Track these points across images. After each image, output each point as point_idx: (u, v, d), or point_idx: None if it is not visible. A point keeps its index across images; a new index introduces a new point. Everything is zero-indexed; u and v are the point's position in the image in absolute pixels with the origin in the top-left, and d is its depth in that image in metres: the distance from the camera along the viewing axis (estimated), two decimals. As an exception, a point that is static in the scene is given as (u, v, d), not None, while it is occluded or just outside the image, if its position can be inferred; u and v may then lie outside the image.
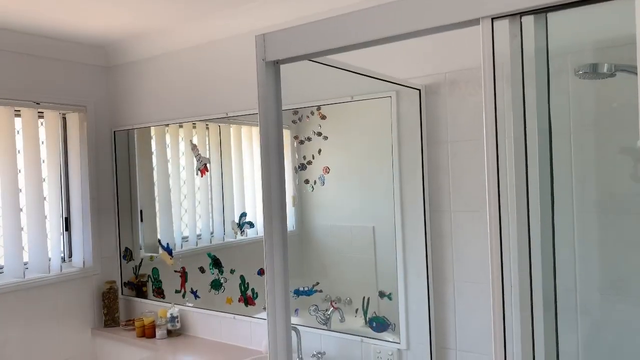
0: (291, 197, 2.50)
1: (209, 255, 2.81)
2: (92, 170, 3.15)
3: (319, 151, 2.39)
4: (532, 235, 1.18)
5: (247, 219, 2.66)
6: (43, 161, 2.97)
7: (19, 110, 2.85)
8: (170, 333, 2.86)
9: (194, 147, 2.85)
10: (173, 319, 2.85)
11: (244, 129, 2.84)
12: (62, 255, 3.06)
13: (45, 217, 2.94)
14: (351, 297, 2.29)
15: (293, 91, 1.85)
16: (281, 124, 1.36)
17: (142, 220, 3.16)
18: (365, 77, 1.80)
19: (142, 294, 3.13)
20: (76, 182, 3.09)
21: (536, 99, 1.25)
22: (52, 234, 2.96)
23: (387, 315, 2.19)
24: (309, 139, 2.45)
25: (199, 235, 2.90)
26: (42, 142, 2.98)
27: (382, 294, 2.21)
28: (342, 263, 2.35)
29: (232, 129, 2.78)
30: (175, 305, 2.91)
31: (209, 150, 2.83)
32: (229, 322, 2.71)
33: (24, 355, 2.78)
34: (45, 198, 2.96)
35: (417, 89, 2.01)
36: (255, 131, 2.80)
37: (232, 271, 2.72)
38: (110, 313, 3.10)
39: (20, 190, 2.85)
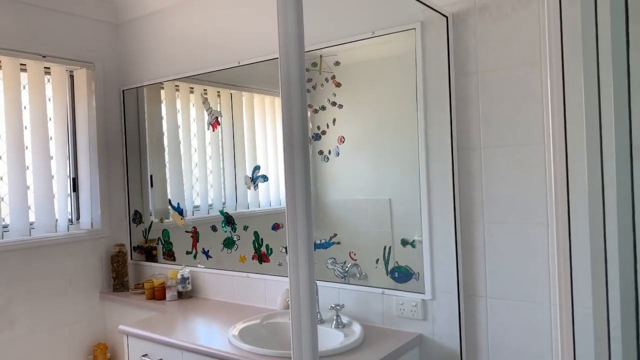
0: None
1: (221, 212, 2.69)
2: (101, 130, 3.05)
3: (334, 121, 2.27)
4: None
5: (261, 172, 2.53)
6: (50, 119, 2.87)
7: (25, 65, 2.75)
8: (181, 295, 2.75)
9: (205, 101, 2.73)
10: (184, 280, 2.74)
11: (257, 97, 2.71)
12: (70, 217, 2.96)
13: (52, 176, 2.84)
14: (371, 248, 2.16)
15: (312, 33, 1.74)
16: (303, 61, 1.21)
17: (152, 185, 3.05)
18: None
19: (152, 258, 3.02)
20: (84, 142, 2.99)
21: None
22: (59, 195, 2.86)
23: (410, 264, 2.05)
24: (323, 107, 2.33)
25: (210, 205, 2.78)
26: (49, 99, 2.88)
27: (404, 242, 2.07)
28: (357, 236, 2.23)
29: (245, 97, 2.65)
30: (186, 267, 2.80)
31: (220, 105, 2.71)
32: (242, 282, 2.59)
33: (30, 314, 2.69)
34: (52, 157, 2.86)
35: (445, 16, 1.87)
36: (268, 100, 2.67)
37: (245, 228, 2.60)
38: (119, 277, 2.99)
39: (27, 147, 2.75)
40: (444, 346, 1.96)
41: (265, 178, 2.52)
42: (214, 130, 2.71)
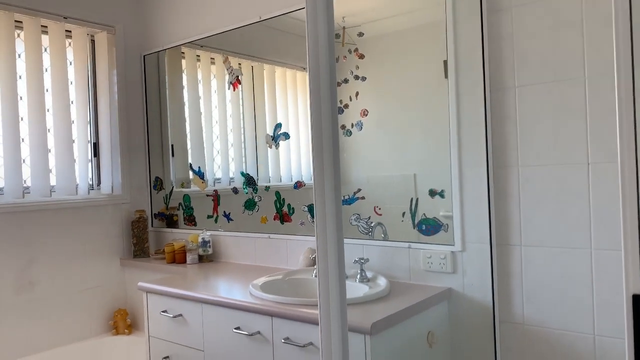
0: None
1: (242, 174, 2.63)
2: (122, 96, 3.02)
3: (356, 94, 2.20)
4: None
5: (282, 130, 2.46)
6: (71, 83, 2.85)
7: (46, 27, 2.73)
8: (201, 258, 2.70)
9: (225, 59, 2.67)
10: (205, 243, 2.69)
11: (278, 70, 2.64)
12: (90, 182, 2.94)
13: (73, 141, 2.82)
14: (397, 202, 2.07)
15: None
16: (332, 12, 1.12)
17: (173, 155, 3.01)
18: None
19: (173, 224, 2.98)
20: (105, 107, 2.97)
21: None
22: (79, 159, 2.84)
23: (439, 216, 1.96)
24: (345, 80, 2.25)
25: (232, 178, 2.72)
26: (70, 63, 2.86)
27: (432, 193, 1.98)
28: (382, 190, 2.13)
29: (266, 70, 2.57)
30: (206, 230, 2.75)
31: (241, 66, 2.65)
32: (263, 244, 2.52)
33: (50, 277, 2.67)
34: (73, 121, 2.84)
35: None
36: (290, 73, 2.60)
37: (266, 188, 2.53)
38: (140, 243, 2.96)
39: (48, 110, 2.73)
40: (474, 299, 1.86)
41: (287, 135, 2.45)
42: (234, 90, 2.65)
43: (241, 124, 2.64)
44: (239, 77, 2.62)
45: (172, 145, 3.01)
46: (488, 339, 1.83)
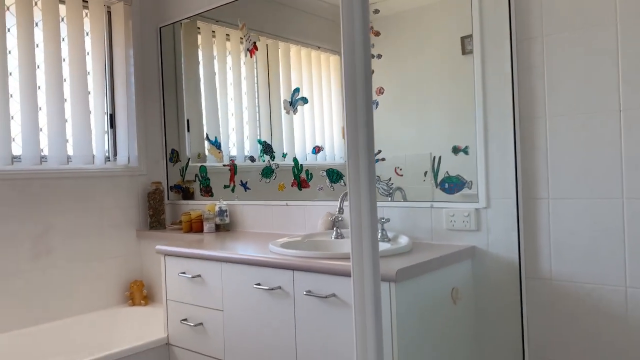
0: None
1: (259, 142, 2.61)
2: (138, 68, 3.01)
3: (372, 72, 2.16)
4: None
5: (301, 94, 2.43)
6: (87, 53, 2.85)
7: (63, -5, 2.73)
8: (218, 228, 2.68)
9: (242, 26, 2.65)
10: (222, 212, 2.66)
11: (293, 48, 2.61)
12: (107, 154, 2.94)
13: (90, 111, 2.81)
14: (418, 161, 2.03)
15: None
16: None
17: (188, 130, 3.00)
18: None
19: (189, 196, 2.97)
20: (121, 79, 2.96)
21: None
22: (96, 130, 2.83)
23: (462, 173, 1.92)
24: None
25: (252, 158, 2.69)
26: (87, 34, 2.85)
27: (456, 150, 1.93)
28: (404, 149, 2.09)
29: (281, 47, 2.54)
30: (223, 200, 2.72)
31: (258, 35, 2.62)
32: (281, 211, 2.50)
33: (67, 245, 2.67)
34: (89, 92, 2.83)
35: None
36: (305, 52, 2.56)
37: (284, 155, 2.51)
38: (156, 215, 2.95)
39: (65, 80, 2.73)
40: (499, 256, 1.82)
41: (305, 100, 2.42)
42: (251, 56, 2.62)
43: (257, 92, 2.62)
44: (256, 43, 2.60)
45: (188, 120, 2.99)
46: (514, 296, 1.79)
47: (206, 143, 2.87)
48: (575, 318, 1.68)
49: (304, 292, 1.71)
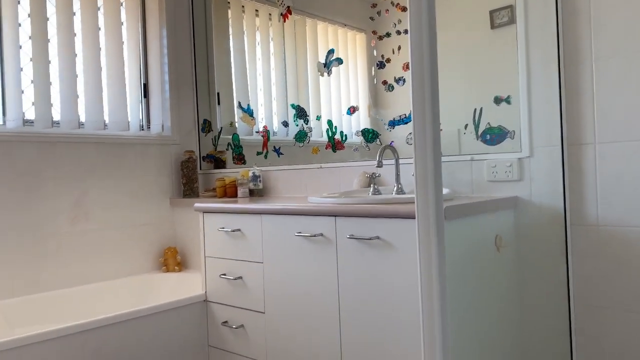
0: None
1: (292, 106, 2.62)
2: (170, 38, 3.05)
3: (399, 48, 2.20)
4: None
5: (336, 55, 2.44)
6: (122, 23, 2.89)
7: (98, -33, 2.77)
8: (252, 193, 2.69)
9: (276, -9, 2.66)
10: (255, 177, 2.68)
11: (320, 25, 2.61)
12: (141, 123, 2.97)
13: (125, 80, 2.85)
14: (458, 114, 2.01)
15: None
16: None
17: (219, 103, 3.02)
18: None
19: (222, 165, 2.99)
20: (155, 49, 3.00)
21: None
22: (130, 98, 2.87)
23: (504, 123, 1.90)
24: (388, 34, 2.23)
25: (285, 123, 2.70)
26: (122, 4, 2.89)
27: (497, 100, 1.92)
28: (444, 102, 2.07)
29: (308, 25, 2.54)
30: (256, 165, 2.74)
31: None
32: (315, 174, 2.50)
33: (103, 211, 2.71)
34: (124, 62, 2.87)
35: None
36: (332, 29, 2.55)
37: (317, 118, 2.51)
38: (190, 183, 2.97)
39: (100, 48, 2.77)
40: (542, 205, 1.80)
41: (340, 61, 2.42)
42: (285, 21, 2.63)
43: (284, 57, 2.62)
44: (290, 7, 2.61)
45: (218, 94, 3.02)
46: (558, 244, 1.77)
47: (238, 111, 2.89)
48: (623, 263, 1.65)
49: (347, 236, 1.71)
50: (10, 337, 1.73)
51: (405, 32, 2.17)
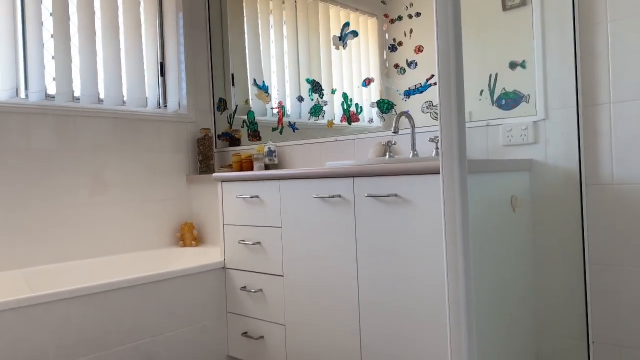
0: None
1: (307, 80, 2.65)
2: (186, 20, 3.10)
3: (410, 31, 2.23)
4: None
5: (351, 27, 2.47)
6: (140, 4, 2.94)
7: (116, -54, 2.82)
8: (267, 167, 2.73)
9: (291, -32, 2.69)
10: (271, 152, 2.72)
11: (332, 9, 2.65)
12: (158, 100, 3.02)
13: (143, 58, 2.90)
14: (474, 80, 2.04)
15: None
16: None
17: (233, 84, 3.06)
18: None
19: (237, 142, 3.03)
20: (172, 30, 3.04)
21: None
22: (148, 77, 2.92)
23: (519, 87, 1.92)
24: (399, 17, 2.26)
25: (300, 98, 2.74)
26: (139, -17, 2.95)
27: (513, 65, 1.94)
28: None
29: (321, 9, 2.57)
30: (271, 141, 2.78)
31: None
32: (330, 147, 2.53)
33: (121, 184, 2.76)
34: (142, 41, 2.92)
35: None
36: (344, 13, 2.59)
37: (333, 91, 2.55)
38: (205, 160, 3.02)
39: (119, 27, 2.82)
40: (558, 167, 1.82)
41: (355, 33, 2.45)
42: (297, 5, 2.67)
43: (298, 34, 2.66)
44: (305, -15, 2.64)
45: (233, 75, 3.06)
46: (574, 203, 1.79)
47: (253, 89, 2.93)
48: (638, 219, 1.67)
49: (365, 195, 1.74)
50: (36, 294, 1.78)
51: (417, 15, 2.20)
